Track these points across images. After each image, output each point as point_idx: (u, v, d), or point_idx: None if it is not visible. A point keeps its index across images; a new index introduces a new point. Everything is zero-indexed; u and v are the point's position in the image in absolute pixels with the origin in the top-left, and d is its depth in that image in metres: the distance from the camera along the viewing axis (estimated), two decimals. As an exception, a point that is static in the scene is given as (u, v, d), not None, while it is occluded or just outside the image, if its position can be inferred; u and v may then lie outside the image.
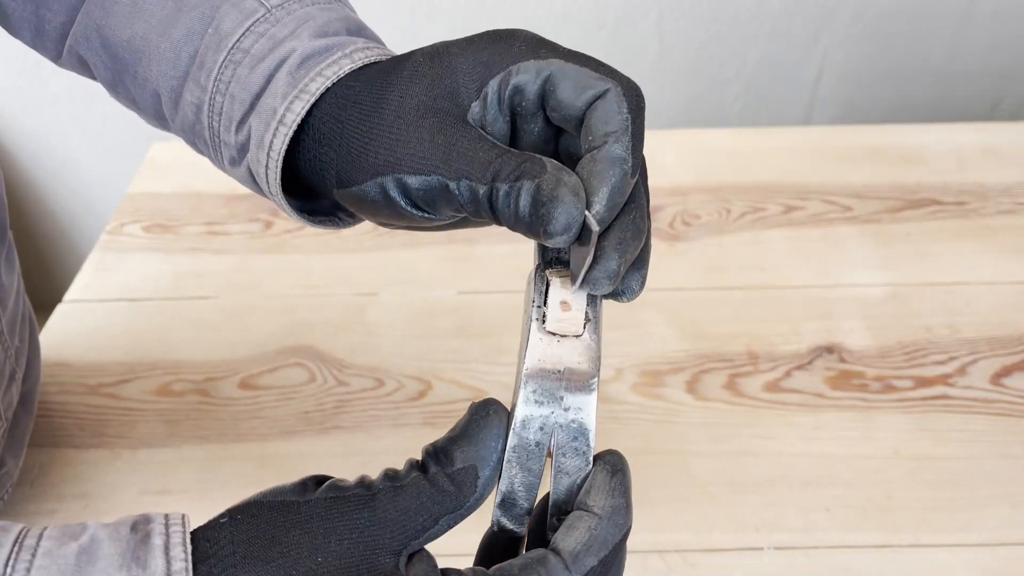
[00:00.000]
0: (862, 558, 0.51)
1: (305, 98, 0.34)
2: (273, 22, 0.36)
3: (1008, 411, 0.59)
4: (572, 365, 0.29)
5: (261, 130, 0.35)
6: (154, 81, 0.38)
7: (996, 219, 0.76)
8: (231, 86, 0.36)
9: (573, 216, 0.29)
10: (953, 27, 1.16)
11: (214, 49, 0.36)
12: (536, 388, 0.29)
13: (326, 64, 0.34)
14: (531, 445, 0.29)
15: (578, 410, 0.29)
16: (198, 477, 0.56)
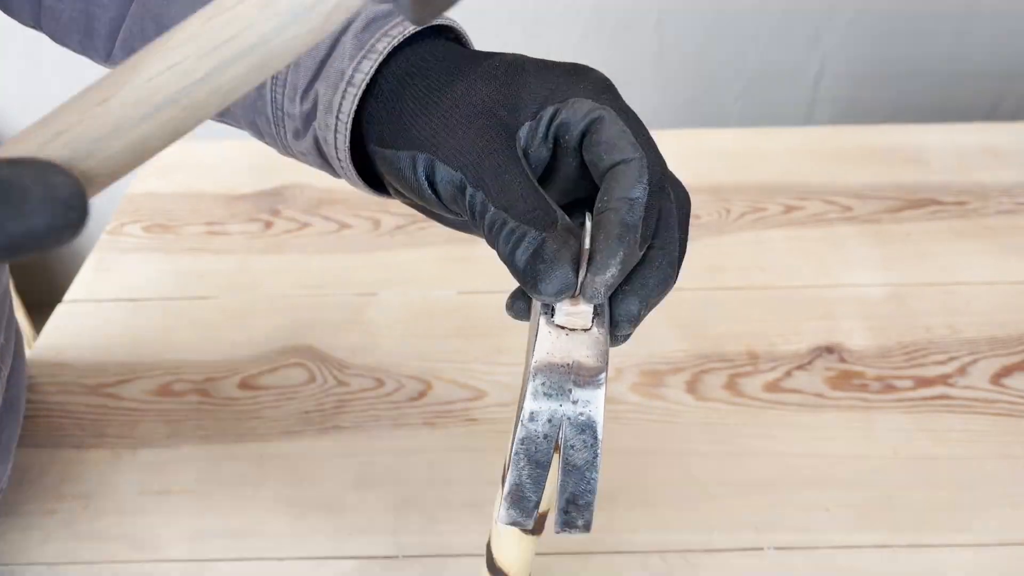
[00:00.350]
0: (862, 558, 0.51)
1: (373, 57, 0.34)
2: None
3: (1008, 411, 0.59)
4: (581, 359, 0.29)
5: (329, 94, 0.35)
6: None
7: (996, 219, 0.76)
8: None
9: (569, 284, 0.29)
10: (953, 27, 1.16)
11: None
12: (544, 381, 0.29)
13: (391, 25, 0.35)
14: (539, 438, 0.29)
15: (586, 403, 0.29)
16: (198, 477, 0.56)
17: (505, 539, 0.39)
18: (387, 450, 0.58)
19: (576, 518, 0.31)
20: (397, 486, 0.55)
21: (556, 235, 0.29)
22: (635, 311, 0.31)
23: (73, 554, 0.52)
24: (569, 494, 0.30)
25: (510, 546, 0.40)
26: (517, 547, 0.40)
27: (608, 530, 0.52)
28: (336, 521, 0.53)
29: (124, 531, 0.53)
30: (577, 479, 0.30)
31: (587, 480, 0.30)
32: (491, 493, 0.55)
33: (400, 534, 0.53)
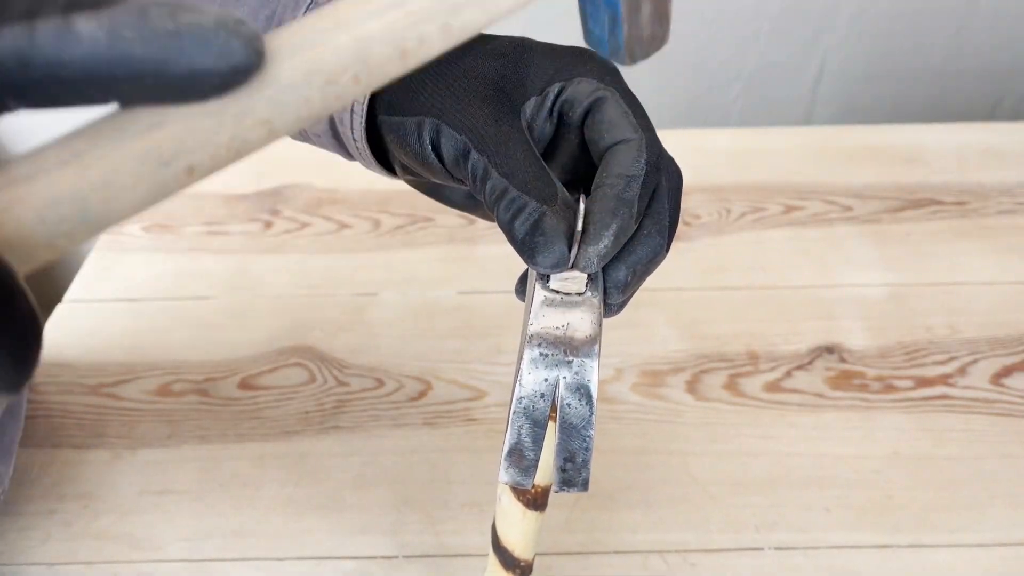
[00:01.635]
0: (862, 558, 0.51)
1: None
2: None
3: (1008, 411, 0.59)
4: (575, 321, 0.30)
5: None
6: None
7: (997, 219, 0.76)
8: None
9: (563, 258, 0.30)
10: (953, 27, 1.16)
11: (292, 6, 0.37)
12: (541, 343, 0.30)
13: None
14: (536, 397, 0.30)
15: (581, 363, 0.30)
16: (198, 477, 0.56)
17: (510, 517, 0.40)
18: (387, 450, 0.58)
19: (574, 476, 0.32)
20: (397, 486, 0.55)
21: (556, 209, 0.30)
22: (623, 278, 0.32)
23: (73, 554, 0.52)
24: (567, 452, 0.31)
25: (514, 524, 0.40)
26: (521, 524, 0.40)
27: (608, 530, 0.52)
28: (336, 521, 0.53)
29: (124, 531, 0.53)
30: (574, 437, 0.31)
31: (583, 438, 0.31)
32: (491, 493, 0.55)
33: (400, 534, 0.53)
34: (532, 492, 0.38)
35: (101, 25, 0.18)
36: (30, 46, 0.18)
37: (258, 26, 0.20)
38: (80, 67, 0.18)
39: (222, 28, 0.19)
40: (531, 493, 0.38)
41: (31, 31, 0.18)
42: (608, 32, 0.28)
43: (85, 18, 0.18)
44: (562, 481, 0.32)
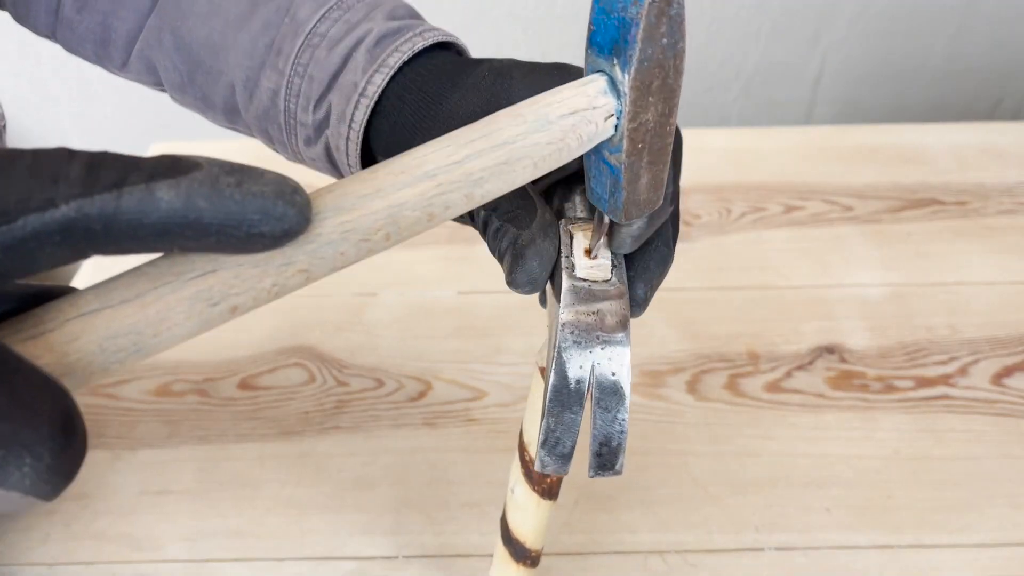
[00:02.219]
0: (862, 558, 0.51)
1: (385, 71, 0.37)
2: (346, 8, 0.39)
3: (1009, 411, 0.59)
4: (604, 307, 0.31)
5: (342, 105, 0.37)
6: (229, 73, 0.41)
7: (997, 219, 0.76)
8: (309, 68, 0.39)
9: (533, 278, 0.32)
10: (953, 26, 1.16)
11: (291, 36, 0.39)
12: (573, 331, 0.30)
13: (401, 41, 0.37)
14: (571, 385, 0.31)
15: (614, 348, 0.31)
16: (198, 477, 0.56)
17: (524, 508, 0.40)
18: (387, 450, 0.58)
19: (611, 460, 0.32)
20: (397, 486, 0.55)
21: (529, 233, 0.32)
22: (642, 295, 0.34)
23: (72, 554, 0.52)
24: (602, 437, 0.31)
25: (528, 514, 0.40)
26: (536, 514, 0.40)
27: (608, 530, 0.52)
28: (336, 521, 0.53)
29: (123, 531, 0.53)
30: (608, 421, 0.31)
31: (618, 422, 0.31)
32: (491, 493, 0.55)
33: (400, 534, 0.53)
34: (548, 481, 0.38)
35: (179, 194, 0.21)
36: (115, 211, 0.21)
37: (307, 195, 0.22)
38: (154, 228, 0.21)
39: (280, 198, 0.22)
40: (547, 482, 0.38)
41: (118, 198, 0.21)
42: (608, 194, 0.30)
43: (165, 187, 0.21)
44: (598, 466, 0.32)
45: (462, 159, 0.26)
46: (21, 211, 0.20)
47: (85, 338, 0.22)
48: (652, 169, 0.30)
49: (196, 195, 0.21)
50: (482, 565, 0.51)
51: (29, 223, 0.20)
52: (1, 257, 0.20)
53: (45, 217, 0.20)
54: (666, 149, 0.30)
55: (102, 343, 0.23)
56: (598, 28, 0.27)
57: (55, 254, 0.21)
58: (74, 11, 0.45)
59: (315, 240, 0.24)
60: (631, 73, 0.27)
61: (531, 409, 0.37)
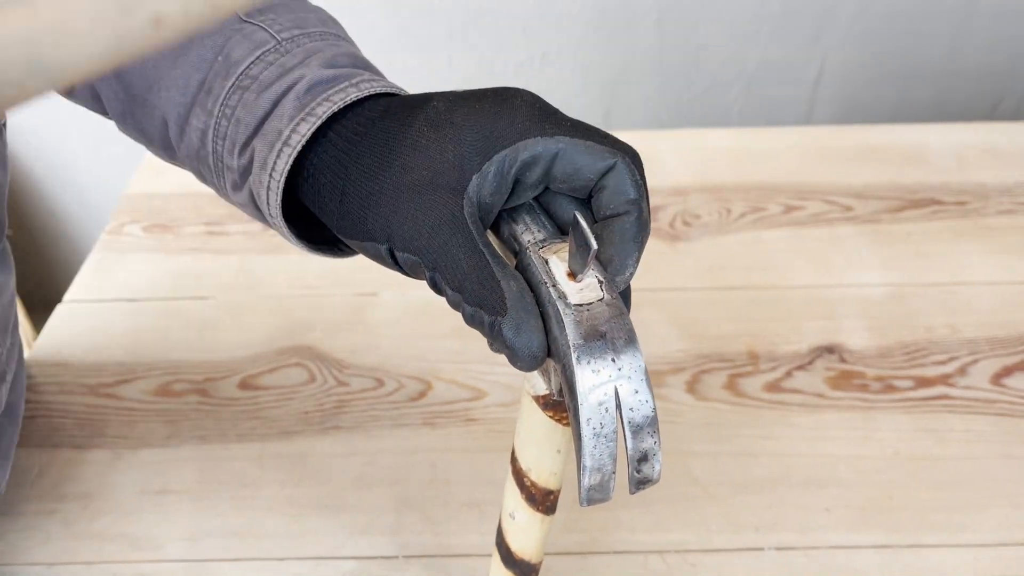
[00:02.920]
0: (862, 558, 0.51)
1: (312, 120, 0.35)
2: (283, 52, 0.37)
3: (1009, 411, 0.59)
4: (608, 328, 0.30)
5: (265, 152, 0.36)
6: (163, 108, 0.39)
7: (997, 219, 0.76)
8: (237, 110, 0.37)
9: (536, 358, 0.31)
10: (953, 27, 1.16)
11: (223, 76, 0.37)
12: (588, 359, 0.30)
13: (334, 91, 0.35)
14: (602, 411, 0.30)
15: (629, 365, 0.30)
16: (198, 477, 0.56)
17: (529, 530, 0.39)
18: (387, 450, 0.58)
19: (650, 472, 0.32)
20: (397, 486, 0.55)
21: (506, 320, 0.30)
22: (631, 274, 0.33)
23: (73, 554, 0.52)
24: (640, 452, 0.31)
25: (532, 534, 0.40)
26: (539, 533, 0.40)
27: (608, 530, 0.52)
28: (336, 521, 0.53)
29: (123, 531, 0.53)
30: (643, 436, 0.31)
31: (652, 434, 0.31)
32: (491, 493, 0.55)
33: (400, 534, 0.53)
34: (551, 498, 0.38)
35: None
36: None
37: None
38: None
39: None
40: (550, 499, 0.38)
41: None
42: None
43: None
44: (639, 481, 0.32)
45: None
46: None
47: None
48: None
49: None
50: (482, 565, 0.51)
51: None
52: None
53: None
54: None
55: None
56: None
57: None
58: None
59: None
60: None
61: (527, 436, 0.36)
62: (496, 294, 0.31)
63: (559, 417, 0.34)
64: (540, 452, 0.36)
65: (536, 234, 0.34)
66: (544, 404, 0.34)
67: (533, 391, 0.34)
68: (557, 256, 0.32)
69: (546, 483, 0.37)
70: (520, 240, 0.34)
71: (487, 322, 0.31)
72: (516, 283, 0.31)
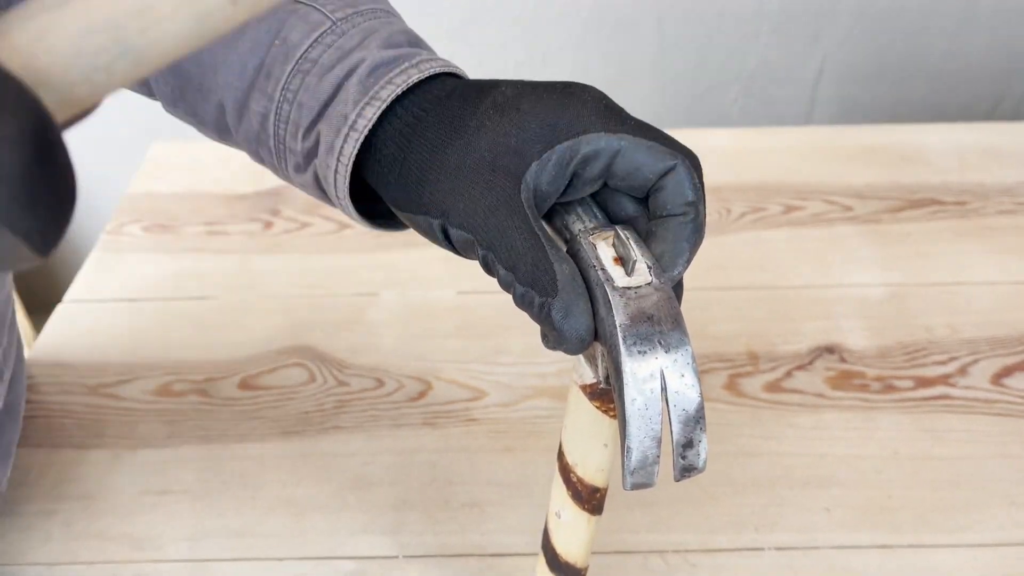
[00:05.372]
0: (862, 558, 0.51)
1: (376, 104, 0.35)
2: (339, 34, 0.37)
3: (1009, 411, 0.59)
4: (656, 312, 0.31)
5: (331, 136, 0.36)
6: (219, 93, 0.40)
7: (997, 219, 0.76)
8: (299, 94, 0.37)
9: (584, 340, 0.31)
10: (953, 27, 1.16)
11: (282, 60, 0.38)
12: (635, 341, 0.30)
13: (395, 73, 0.36)
14: (648, 394, 0.30)
15: (677, 346, 0.30)
16: (198, 477, 0.56)
17: (575, 529, 0.39)
18: (387, 450, 0.58)
19: (695, 460, 0.31)
20: (397, 486, 0.55)
21: (556, 301, 0.31)
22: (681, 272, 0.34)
23: (73, 554, 0.52)
24: (686, 439, 0.31)
25: (579, 534, 0.39)
26: (585, 534, 0.39)
27: (608, 530, 0.52)
28: (336, 521, 0.53)
29: (124, 531, 0.53)
30: (689, 422, 0.31)
31: (698, 419, 0.31)
32: (491, 493, 0.55)
33: (400, 534, 0.53)
34: (598, 496, 0.38)
35: None
36: None
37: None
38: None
39: None
40: (596, 498, 0.38)
41: None
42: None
43: None
44: (683, 468, 0.32)
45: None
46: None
47: (55, 36, 0.19)
48: None
49: None
50: (481, 565, 0.51)
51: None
52: None
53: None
54: None
55: (77, 41, 0.19)
56: None
57: None
58: None
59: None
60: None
61: (573, 429, 0.36)
62: (548, 275, 0.31)
63: (606, 408, 0.34)
64: (587, 446, 0.36)
65: (587, 223, 0.34)
66: (591, 394, 0.34)
67: (580, 380, 0.35)
68: (604, 242, 0.33)
69: (592, 479, 0.37)
70: (571, 229, 0.34)
71: (537, 303, 0.31)
72: (568, 266, 0.32)
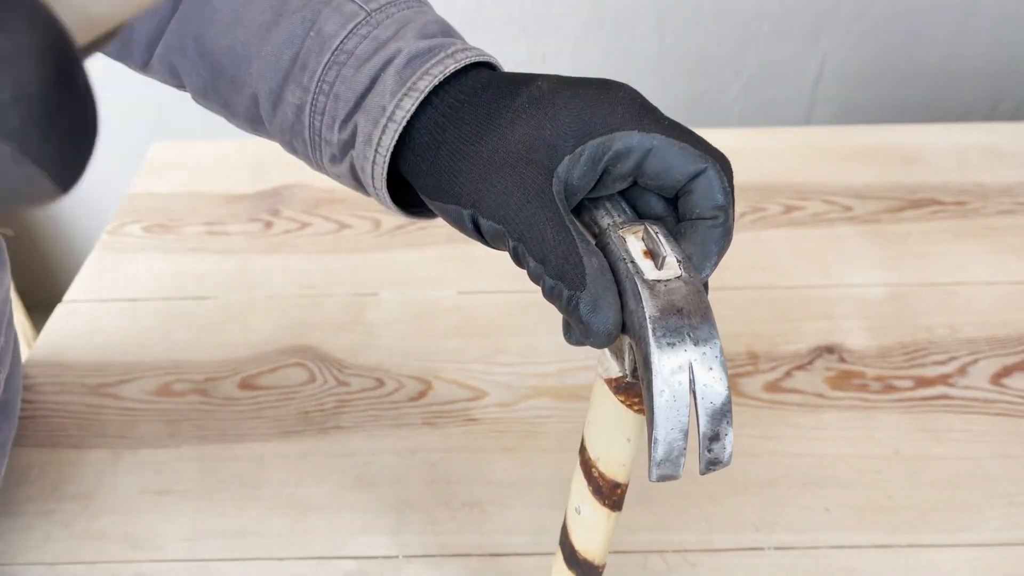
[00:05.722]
0: (862, 558, 0.51)
1: (414, 95, 0.36)
2: (374, 24, 0.38)
3: (1008, 411, 0.59)
4: (685, 305, 0.31)
5: (369, 127, 0.36)
6: (253, 84, 0.40)
7: (996, 219, 0.76)
8: (335, 86, 0.37)
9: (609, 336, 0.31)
10: (953, 27, 1.16)
11: (317, 51, 0.38)
12: (664, 334, 0.30)
13: (432, 64, 0.36)
14: (676, 386, 0.30)
15: (706, 339, 0.30)
16: (198, 477, 0.56)
17: (594, 526, 0.39)
18: (387, 450, 0.58)
19: (720, 453, 0.31)
20: (397, 486, 0.55)
21: (585, 295, 0.31)
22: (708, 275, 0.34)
23: (73, 554, 0.52)
24: (712, 432, 0.31)
25: (598, 531, 0.39)
26: (604, 530, 0.39)
27: (608, 530, 0.52)
28: (336, 521, 0.53)
29: (124, 531, 0.53)
30: (716, 415, 0.31)
31: (725, 413, 0.31)
32: (491, 493, 0.55)
33: (400, 534, 0.53)
34: (618, 493, 0.38)
35: None
36: None
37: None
38: None
39: None
40: (617, 494, 0.38)
41: None
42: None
43: None
44: (709, 462, 0.31)
45: None
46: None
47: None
48: None
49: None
50: (481, 565, 0.51)
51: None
52: None
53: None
54: None
55: None
56: None
57: None
58: None
59: None
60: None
61: (597, 424, 0.36)
62: (578, 269, 0.31)
63: (630, 402, 0.34)
64: (610, 440, 0.36)
65: (616, 218, 0.35)
66: (616, 388, 0.34)
67: (606, 374, 0.35)
68: (634, 235, 0.33)
69: (614, 475, 0.37)
70: (600, 223, 0.35)
71: (565, 296, 0.31)
72: (597, 260, 0.32)
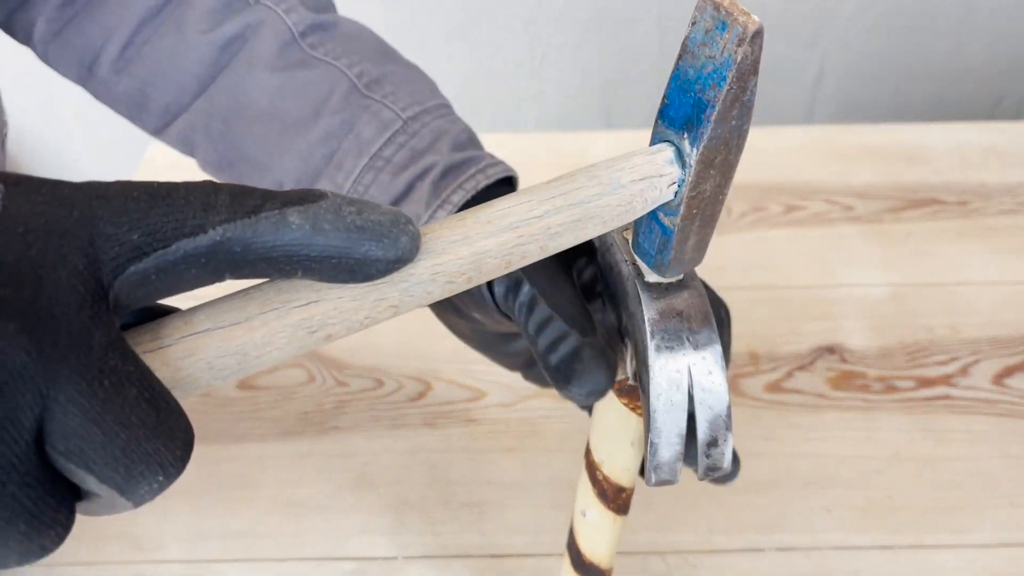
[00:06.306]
0: (863, 559, 0.51)
1: (448, 208, 0.38)
2: (411, 134, 0.40)
3: (1010, 411, 0.59)
4: (684, 308, 0.31)
5: None
6: (278, 173, 0.42)
7: (998, 219, 0.76)
8: (371, 189, 0.40)
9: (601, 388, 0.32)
10: (954, 26, 1.16)
11: (355, 154, 0.40)
12: (663, 336, 0.30)
13: (465, 178, 0.39)
14: (674, 389, 0.30)
15: (705, 346, 0.30)
16: (197, 477, 0.56)
17: (600, 529, 0.39)
18: (387, 450, 0.58)
19: (719, 459, 0.31)
20: (397, 486, 0.55)
21: (595, 342, 0.32)
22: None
23: (73, 554, 0.52)
24: (710, 437, 0.31)
25: (604, 534, 0.39)
26: (610, 534, 0.39)
27: (608, 530, 0.52)
28: (336, 521, 0.53)
29: (123, 531, 0.53)
30: (714, 419, 0.31)
31: (724, 417, 0.31)
32: (491, 493, 0.55)
33: (400, 534, 0.53)
34: (623, 496, 0.38)
35: (307, 219, 0.23)
36: (254, 234, 0.23)
37: (417, 227, 0.24)
38: (285, 250, 0.23)
39: (395, 226, 0.24)
40: (622, 498, 0.38)
41: (256, 222, 0.23)
42: (656, 251, 0.31)
43: (296, 213, 0.23)
44: (708, 467, 0.31)
45: (542, 214, 0.28)
46: (176, 236, 0.22)
47: (198, 355, 0.24)
48: (701, 232, 0.31)
49: (322, 220, 0.23)
50: (481, 565, 0.51)
51: (181, 247, 0.22)
52: (155, 278, 0.22)
53: (196, 241, 0.22)
54: (716, 215, 0.31)
55: (212, 361, 0.24)
56: (671, 103, 0.28)
57: (198, 276, 0.23)
58: (111, 72, 0.45)
59: (408, 279, 0.27)
60: (699, 149, 0.28)
61: (600, 427, 0.36)
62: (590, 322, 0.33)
63: (633, 405, 0.34)
64: (614, 444, 0.36)
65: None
66: (619, 391, 0.34)
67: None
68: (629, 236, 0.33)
69: (619, 479, 0.37)
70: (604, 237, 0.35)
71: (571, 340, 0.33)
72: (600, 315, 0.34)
